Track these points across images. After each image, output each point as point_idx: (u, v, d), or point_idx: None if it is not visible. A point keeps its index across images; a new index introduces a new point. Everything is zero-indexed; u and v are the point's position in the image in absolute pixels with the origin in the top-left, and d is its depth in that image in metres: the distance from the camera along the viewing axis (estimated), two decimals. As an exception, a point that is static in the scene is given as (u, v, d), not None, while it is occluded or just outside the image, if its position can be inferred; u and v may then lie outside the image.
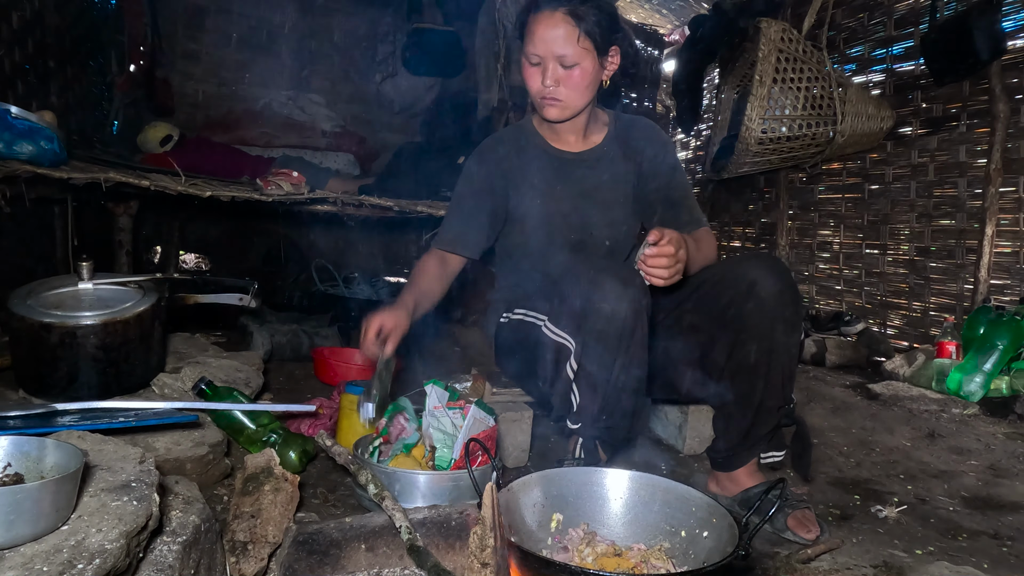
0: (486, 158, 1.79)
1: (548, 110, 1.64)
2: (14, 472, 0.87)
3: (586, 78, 1.59)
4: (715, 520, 1.07)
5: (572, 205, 1.74)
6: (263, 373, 2.00)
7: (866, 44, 3.59)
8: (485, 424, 1.50)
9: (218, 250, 4.57)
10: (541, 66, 1.58)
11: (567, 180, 1.75)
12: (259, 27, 4.85)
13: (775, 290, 1.43)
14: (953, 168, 3.11)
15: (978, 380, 2.46)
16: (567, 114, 1.65)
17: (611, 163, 1.76)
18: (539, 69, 1.59)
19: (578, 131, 1.75)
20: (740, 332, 1.47)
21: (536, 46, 1.57)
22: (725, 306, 1.50)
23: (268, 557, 1.12)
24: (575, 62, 1.56)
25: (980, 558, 1.41)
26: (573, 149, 1.77)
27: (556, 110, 1.63)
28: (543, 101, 1.62)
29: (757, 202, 4.46)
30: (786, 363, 1.48)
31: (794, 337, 1.49)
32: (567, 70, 1.57)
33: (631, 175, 1.77)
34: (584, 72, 1.58)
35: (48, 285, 1.59)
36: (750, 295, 1.45)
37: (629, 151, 1.76)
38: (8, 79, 2.61)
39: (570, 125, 1.72)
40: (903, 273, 3.37)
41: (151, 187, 2.31)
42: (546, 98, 1.61)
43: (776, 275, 1.45)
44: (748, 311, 1.45)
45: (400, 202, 2.99)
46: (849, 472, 1.92)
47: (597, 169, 1.76)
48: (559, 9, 1.54)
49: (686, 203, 1.73)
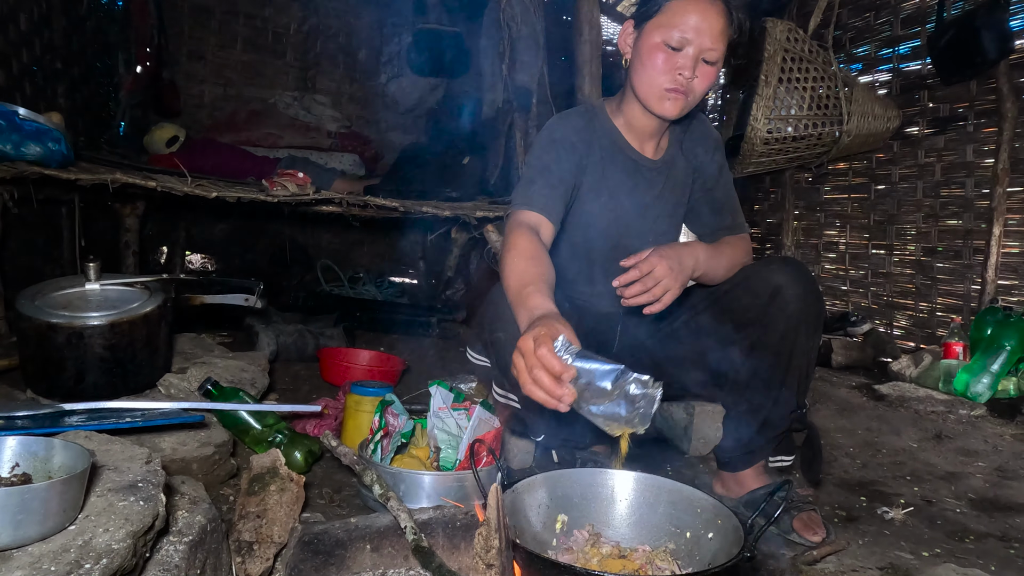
0: (567, 127, 1.53)
1: (670, 104, 1.41)
2: (22, 472, 0.88)
3: (715, 78, 1.42)
4: (720, 521, 1.07)
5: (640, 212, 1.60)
6: (269, 373, 2.00)
7: (872, 43, 3.58)
8: (490, 425, 1.50)
9: (224, 251, 4.58)
10: (683, 52, 1.37)
11: (641, 186, 1.58)
12: (265, 28, 4.87)
13: (799, 294, 1.40)
14: (960, 168, 3.09)
15: (985, 381, 2.45)
16: (683, 111, 1.44)
17: (675, 170, 1.62)
18: (676, 55, 1.37)
19: (657, 137, 1.57)
20: (762, 335, 1.45)
21: (685, 29, 1.35)
22: (747, 308, 1.47)
23: (274, 557, 1.12)
24: (716, 59, 1.39)
25: (987, 560, 1.41)
26: (652, 156, 1.58)
27: (678, 105, 1.41)
28: (668, 92, 1.40)
29: (763, 202, 4.44)
30: (804, 368, 1.46)
31: (814, 342, 1.46)
32: (707, 66, 1.39)
33: (689, 180, 1.64)
34: (717, 72, 1.42)
35: (55, 286, 1.59)
36: (774, 299, 1.42)
37: (689, 155, 1.63)
38: (16, 81, 2.62)
39: (659, 129, 1.54)
40: (910, 273, 3.35)
41: (157, 188, 2.32)
42: (676, 90, 1.39)
43: (801, 280, 1.42)
44: (771, 315, 1.42)
45: (405, 203, 2.99)
46: (855, 473, 1.91)
47: (663, 175, 1.60)
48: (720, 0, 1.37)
49: (729, 206, 1.64)
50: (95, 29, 3.66)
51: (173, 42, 4.54)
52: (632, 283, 1.29)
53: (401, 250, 4.89)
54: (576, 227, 1.58)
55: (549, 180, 1.45)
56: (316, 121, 4.60)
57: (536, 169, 1.48)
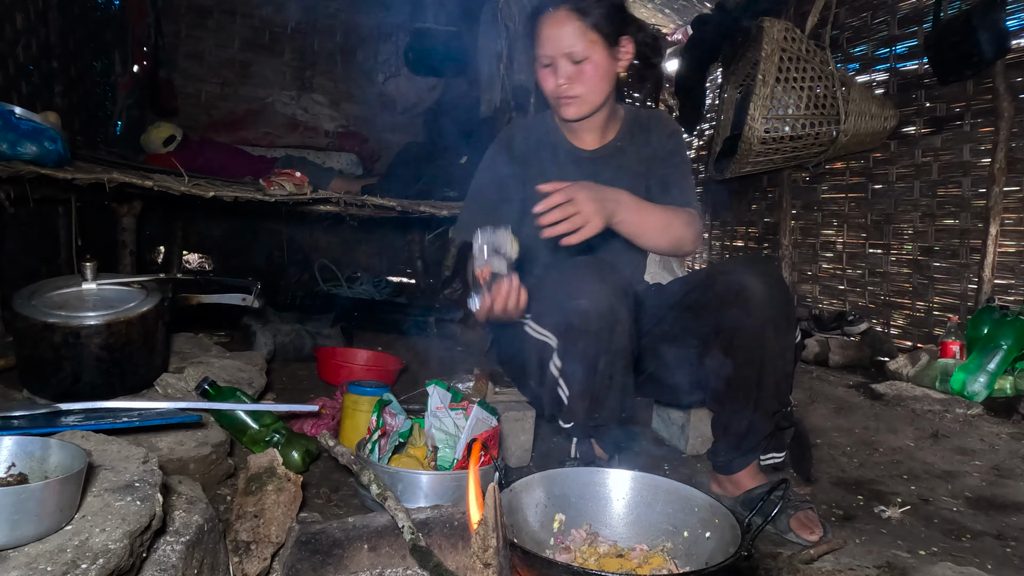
0: (504, 147, 1.75)
1: (566, 109, 1.61)
2: (18, 472, 0.87)
3: (599, 71, 1.56)
4: (718, 521, 1.07)
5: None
6: (266, 373, 2.00)
7: (869, 43, 3.58)
8: (488, 424, 1.50)
9: (221, 250, 4.58)
10: (552, 66, 1.56)
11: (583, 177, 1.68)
12: (262, 27, 4.87)
13: (763, 297, 1.41)
14: (957, 167, 3.10)
15: (982, 380, 2.46)
16: (585, 110, 1.61)
17: (624, 157, 1.73)
18: (551, 70, 1.57)
19: (597, 129, 1.71)
20: (731, 340, 1.45)
21: (545, 47, 1.55)
22: (714, 314, 1.48)
23: (271, 557, 1.12)
24: (585, 56, 1.53)
25: (984, 559, 1.41)
26: (590, 147, 1.73)
27: (573, 108, 1.60)
28: (559, 101, 1.59)
29: (760, 202, 4.45)
30: (780, 369, 1.46)
31: (787, 341, 1.46)
32: (578, 65, 1.54)
33: (643, 168, 1.73)
34: (596, 65, 1.55)
35: (52, 285, 1.59)
36: (737, 302, 1.43)
37: (642, 143, 1.73)
38: (12, 80, 2.61)
39: (589, 123, 1.68)
40: (907, 273, 3.36)
41: (154, 187, 2.32)
42: (562, 97, 1.58)
43: (764, 280, 1.43)
44: (737, 319, 1.43)
45: (403, 202, 3.00)
46: (852, 472, 1.92)
47: (610, 165, 1.72)
48: (562, 6, 1.53)
49: (678, 185, 1.68)
50: (92, 28, 3.66)
51: (170, 41, 4.54)
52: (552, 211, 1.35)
53: (399, 250, 4.89)
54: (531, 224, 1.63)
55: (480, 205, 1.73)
56: (313, 120, 4.60)
57: (471, 194, 1.77)
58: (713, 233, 5.09)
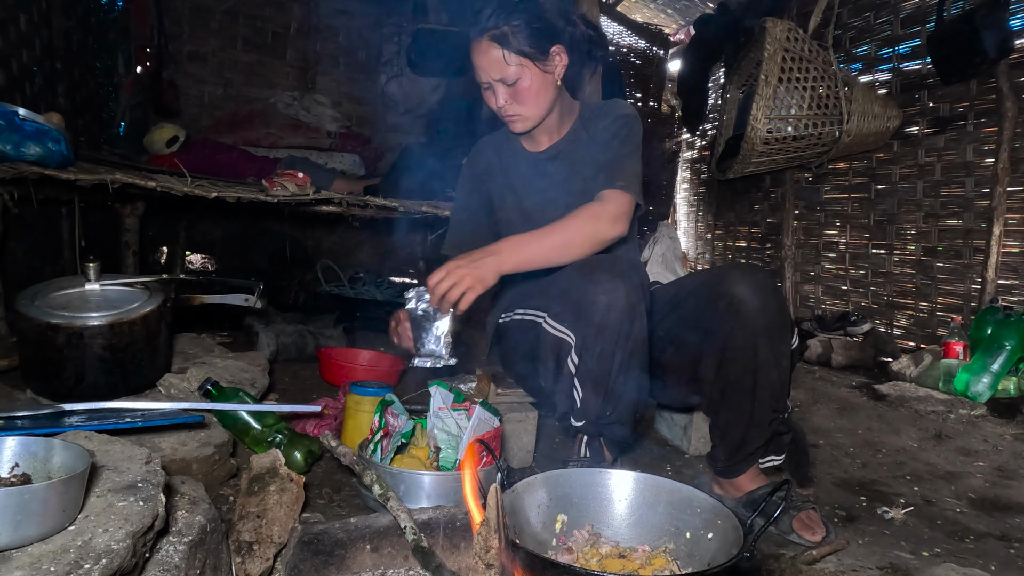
0: (471, 165, 1.91)
1: (512, 126, 1.72)
2: (21, 472, 0.88)
3: (533, 88, 1.64)
4: (720, 522, 1.07)
5: (548, 200, 1.76)
6: (269, 374, 2.00)
7: (872, 43, 3.58)
8: (490, 425, 1.50)
9: (224, 251, 4.58)
10: (491, 89, 1.66)
11: (540, 177, 1.80)
12: (265, 28, 4.87)
13: (755, 307, 1.42)
14: (960, 167, 3.09)
15: (985, 381, 2.45)
16: (529, 125, 1.71)
17: (576, 149, 1.78)
18: (491, 92, 1.67)
19: (549, 132, 1.79)
20: (724, 350, 1.46)
21: (479, 74, 1.66)
22: (708, 322, 1.49)
23: (273, 557, 1.12)
24: (515, 78, 1.62)
25: (988, 560, 1.41)
26: (543, 148, 1.81)
27: (519, 124, 1.70)
28: (505, 119, 1.71)
29: (763, 202, 4.45)
30: (775, 378, 1.45)
31: (781, 349, 1.46)
32: (512, 88, 1.63)
33: (597, 155, 1.75)
34: (529, 84, 1.63)
35: (55, 286, 1.59)
36: (730, 312, 1.43)
37: (592, 133, 1.78)
38: (16, 81, 2.62)
39: (540, 128, 1.76)
40: (910, 273, 3.35)
41: (157, 188, 2.32)
42: (506, 116, 1.69)
43: (756, 289, 1.43)
44: (730, 329, 1.44)
45: (405, 202, 2.99)
46: (855, 473, 1.91)
47: (564, 160, 1.78)
48: (483, 37, 1.61)
49: (611, 165, 1.68)
50: (95, 29, 3.66)
51: (173, 42, 4.54)
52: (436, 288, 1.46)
53: (401, 250, 4.89)
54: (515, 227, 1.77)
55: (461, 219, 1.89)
56: (316, 121, 4.60)
57: (453, 210, 1.95)
58: (716, 233, 5.08)
